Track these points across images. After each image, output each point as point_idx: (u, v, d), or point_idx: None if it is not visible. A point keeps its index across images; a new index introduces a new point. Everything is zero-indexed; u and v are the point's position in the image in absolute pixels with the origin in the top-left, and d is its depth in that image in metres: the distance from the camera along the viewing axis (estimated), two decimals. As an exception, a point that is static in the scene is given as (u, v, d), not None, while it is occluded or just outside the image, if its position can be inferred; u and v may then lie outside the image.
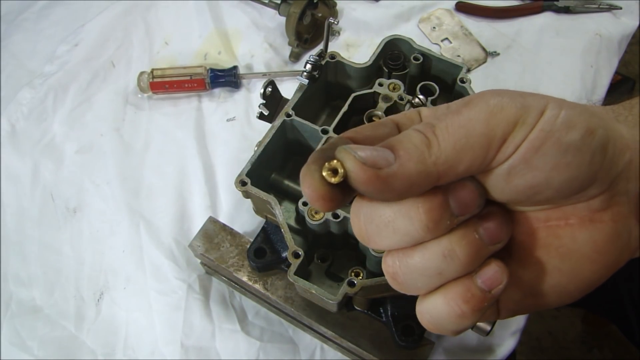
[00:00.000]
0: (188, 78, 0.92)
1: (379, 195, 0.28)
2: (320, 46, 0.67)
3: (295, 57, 0.98)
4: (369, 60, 0.67)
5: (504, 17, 1.01)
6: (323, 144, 0.55)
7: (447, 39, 0.99)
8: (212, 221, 0.74)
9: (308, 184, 0.28)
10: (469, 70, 0.94)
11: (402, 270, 0.31)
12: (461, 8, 1.01)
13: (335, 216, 0.57)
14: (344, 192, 0.28)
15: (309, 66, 0.65)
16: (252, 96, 0.94)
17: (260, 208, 0.66)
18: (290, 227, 0.61)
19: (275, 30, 1.01)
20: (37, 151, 0.89)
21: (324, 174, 0.28)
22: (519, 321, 0.75)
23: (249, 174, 0.61)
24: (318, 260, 0.63)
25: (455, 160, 0.28)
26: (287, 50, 0.98)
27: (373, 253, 0.55)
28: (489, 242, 0.30)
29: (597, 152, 0.28)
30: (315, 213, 0.57)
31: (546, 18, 1.01)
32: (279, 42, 1.00)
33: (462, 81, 0.65)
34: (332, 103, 0.73)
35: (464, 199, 0.29)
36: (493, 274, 0.30)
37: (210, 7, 1.03)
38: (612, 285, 0.90)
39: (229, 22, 1.02)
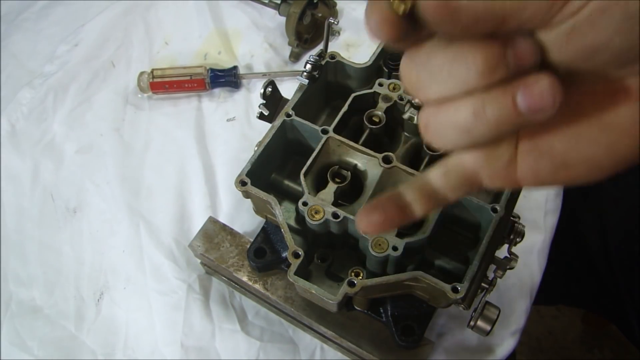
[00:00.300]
0: (188, 78, 0.92)
1: (444, 26, 0.28)
2: (320, 46, 0.67)
3: (295, 57, 0.98)
4: (369, 60, 0.67)
5: (504, 17, 1.01)
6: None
7: (447, 38, 0.99)
8: (212, 221, 0.74)
9: (376, 9, 0.28)
10: (469, 70, 0.94)
11: (434, 122, 0.32)
12: (461, 8, 1.01)
13: (335, 216, 0.57)
14: (407, 25, 0.29)
15: (309, 66, 0.65)
16: (252, 96, 0.94)
17: (260, 208, 0.66)
18: (290, 227, 0.61)
19: (275, 30, 1.01)
20: (37, 151, 0.89)
21: (393, 1, 0.27)
22: (519, 321, 0.75)
23: (249, 174, 0.61)
24: (318, 260, 0.63)
25: (521, 6, 0.28)
26: (287, 50, 0.98)
27: (373, 253, 0.55)
28: (525, 109, 0.29)
29: None
30: (315, 213, 0.57)
31: (546, 18, 1.01)
32: (279, 42, 1.00)
33: (462, 81, 0.65)
34: (332, 103, 0.73)
35: (521, 49, 0.29)
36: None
37: (210, 7, 1.03)
38: (613, 285, 0.90)
39: (229, 22, 1.02)
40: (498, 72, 0.29)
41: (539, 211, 0.83)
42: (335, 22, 0.67)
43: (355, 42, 1.00)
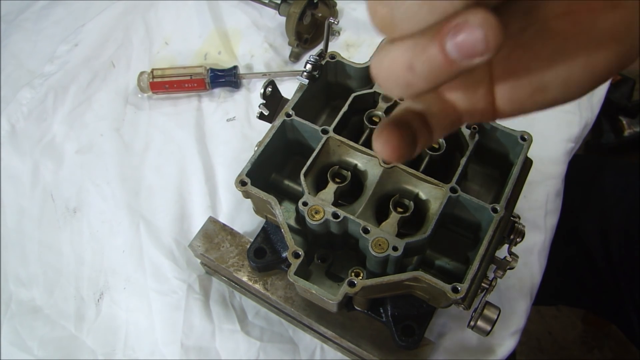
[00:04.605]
0: (188, 78, 0.92)
1: None
2: (320, 46, 0.67)
3: (295, 57, 0.98)
4: (369, 60, 0.67)
5: (504, 17, 1.01)
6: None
7: (447, 38, 0.99)
8: (212, 221, 0.74)
9: None
10: (469, 70, 0.94)
11: (379, 74, 0.29)
12: (461, 8, 1.01)
13: (335, 216, 0.57)
14: None
15: (309, 66, 0.65)
16: (252, 96, 0.94)
17: (260, 208, 0.66)
18: (290, 227, 0.61)
19: (275, 30, 1.01)
20: (37, 151, 0.89)
21: None
22: (519, 321, 0.75)
23: (249, 174, 0.61)
24: (318, 260, 0.63)
25: None
26: (287, 50, 0.98)
27: (373, 253, 0.55)
28: (458, 56, 0.25)
29: None
30: (315, 213, 0.57)
31: (546, 18, 1.01)
32: (279, 42, 1.00)
33: (462, 81, 0.65)
34: (332, 103, 0.73)
35: None
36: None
37: (210, 7, 1.03)
38: (613, 285, 0.89)
39: (229, 22, 1.02)
40: None
41: (539, 211, 0.83)
42: (335, 22, 0.67)
43: (355, 42, 1.00)
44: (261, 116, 0.69)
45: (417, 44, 0.26)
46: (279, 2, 0.98)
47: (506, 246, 0.64)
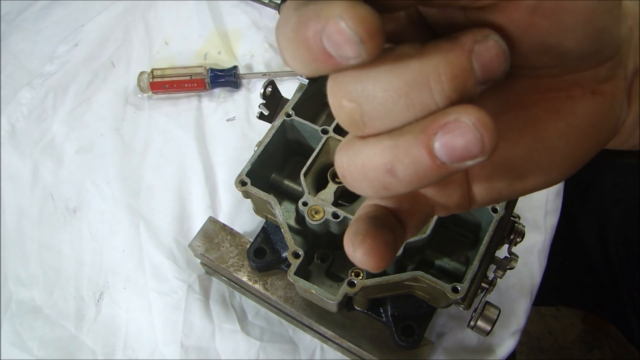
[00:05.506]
0: (188, 78, 0.92)
1: None
2: (320, 46, 0.67)
3: (295, 57, 0.98)
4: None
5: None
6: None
7: (447, 39, 0.99)
8: (212, 221, 0.74)
9: (357, 14, 0.20)
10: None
11: (349, 175, 0.26)
12: (461, 8, 1.01)
13: (335, 216, 0.57)
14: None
15: (309, 66, 0.65)
16: (252, 96, 0.94)
17: (260, 208, 0.66)
18: (290, 227, 0.61)
19: (275, 30, 1.01)
20: (37, 151, 0.89)
21: None
22: (519, 321, 0.75)
23: (249, 174, 0.61)
24: (318, 260, 0.63)
25: None
26: (287, 50, 0.98)
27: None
28: (449, 160, 0.22)
29: (617, 3, 0.26)
30: (315, 213, 0.57)
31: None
32: (279, 42, 1.00)
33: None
34: (332, 103, 0.73)
35: (491, 60, 0.23)
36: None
37: (210, 7, 1.03)
38: (612, 286, 0.90)
39: (229, 22, 1.02)
40: (468, 94, 0.23)
41: (539, 211, 0.83)
42: (335, 22, 0.67)
43: (355, 42, 1.00)
44: (261, 116, 0.69)
45: (398, 143, 0.23)
46: (279, 2, 0.98)
47: (506, 246, 0.64)
